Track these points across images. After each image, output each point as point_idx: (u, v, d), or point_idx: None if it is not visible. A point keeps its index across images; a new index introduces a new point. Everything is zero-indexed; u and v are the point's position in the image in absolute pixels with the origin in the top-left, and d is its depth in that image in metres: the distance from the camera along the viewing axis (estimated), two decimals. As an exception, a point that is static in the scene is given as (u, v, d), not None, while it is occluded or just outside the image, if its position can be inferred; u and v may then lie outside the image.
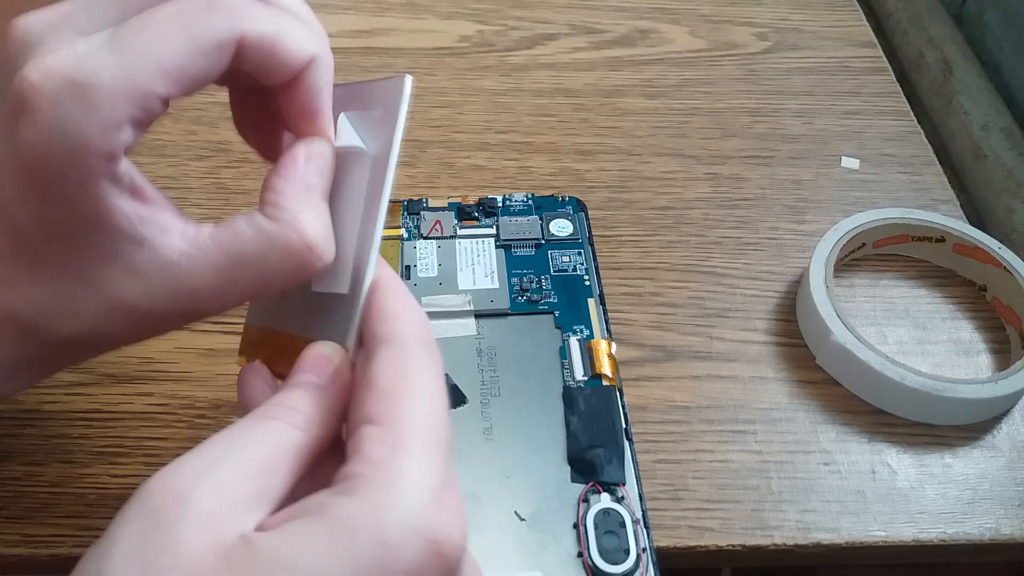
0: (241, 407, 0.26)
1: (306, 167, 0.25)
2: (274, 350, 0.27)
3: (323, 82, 0.25)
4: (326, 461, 0.23)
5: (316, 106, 0.26)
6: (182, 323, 0.26)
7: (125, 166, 0.23)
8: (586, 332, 0.37)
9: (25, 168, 0.22)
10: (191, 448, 0.21)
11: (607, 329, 0.38)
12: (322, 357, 0.24)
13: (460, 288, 0.39)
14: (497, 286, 0.39)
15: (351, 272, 0.25)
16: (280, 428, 0.22)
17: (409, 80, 0.26)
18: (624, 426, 0.34)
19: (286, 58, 0.24)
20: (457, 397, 0.35)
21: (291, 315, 0.27)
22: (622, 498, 0.32)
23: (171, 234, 0.24)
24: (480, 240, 0.41)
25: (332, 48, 0.26)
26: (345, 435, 0.24)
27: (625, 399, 0.36)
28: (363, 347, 0.25)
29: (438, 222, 0.42)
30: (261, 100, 0.27)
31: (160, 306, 0.24)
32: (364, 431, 0.22)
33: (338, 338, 0.25)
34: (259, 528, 0.20)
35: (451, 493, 0.22)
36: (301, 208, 0.24)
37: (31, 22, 0.23)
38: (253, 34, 0.23)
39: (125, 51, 0.22)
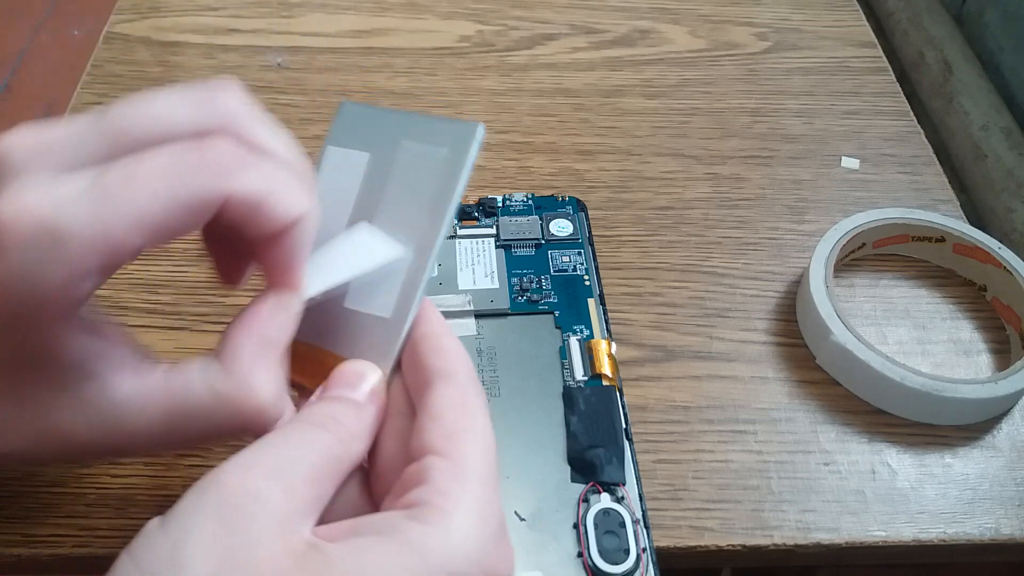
0: None
1: (269, 321, 0.24)
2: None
3: (305, 240, 0.24)
4: (348, 478, 0.24)
5: (292, 262, 0.25)
6: (113, 458, 0.26)
7: (86, 307, 0.23)
8: (586, 332, 0.37)
9: None
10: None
11: (607, 329, 0.38)
12: (360, 376, 0.25)
13: (460, 288, 0.39)
14: (497, 286, 0.39)
15: (396, 297, 0.25)
16: (329, 439, 0.23)
17: (481, 128, 0.26)
18: (624, 426, 0.34)
19: (271, 218, 0.23)
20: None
21: (315, 327, 0.27)
22: (622, 498, 0.32)
23: (122, 372, 0.24)
24: (480, 240, 0.41)
25: (332, 48, 0.26)
26: (364, 460, 0.25)
27: (625, 399, 0.36)
28: (397, 374, 0.25)
29: (438, 222, 0.42)
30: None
31: (97, 439, 0.24)
32: (431, 461, 0.22)
33: (376, 360, 0.25)
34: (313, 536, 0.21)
35: (506, 532, 0.22)
36: (256, 369, 0.24)
37: (14, 145, 0.22)
38: (240, 194, 0.22)
39: (105, 202, 0.21)
